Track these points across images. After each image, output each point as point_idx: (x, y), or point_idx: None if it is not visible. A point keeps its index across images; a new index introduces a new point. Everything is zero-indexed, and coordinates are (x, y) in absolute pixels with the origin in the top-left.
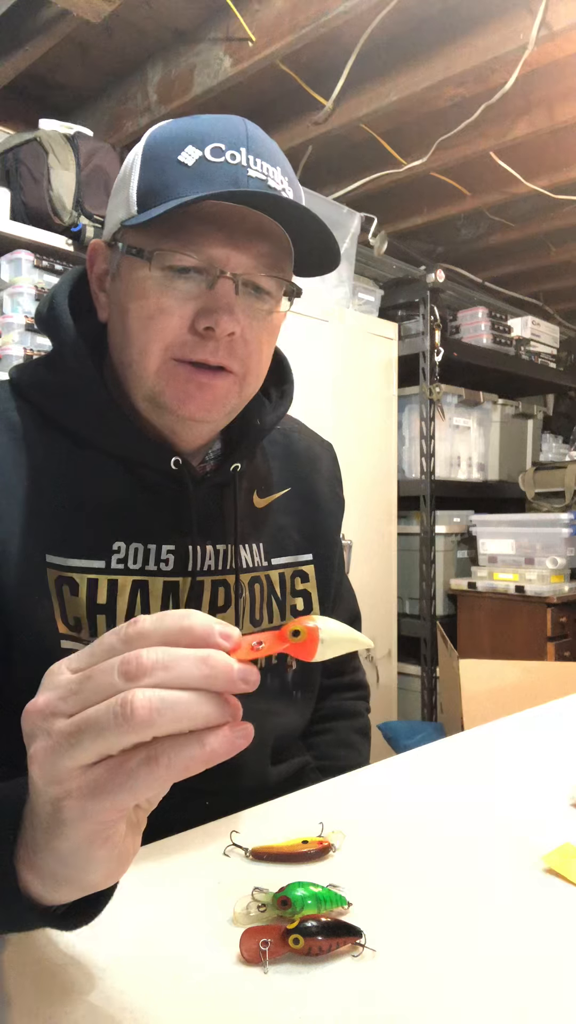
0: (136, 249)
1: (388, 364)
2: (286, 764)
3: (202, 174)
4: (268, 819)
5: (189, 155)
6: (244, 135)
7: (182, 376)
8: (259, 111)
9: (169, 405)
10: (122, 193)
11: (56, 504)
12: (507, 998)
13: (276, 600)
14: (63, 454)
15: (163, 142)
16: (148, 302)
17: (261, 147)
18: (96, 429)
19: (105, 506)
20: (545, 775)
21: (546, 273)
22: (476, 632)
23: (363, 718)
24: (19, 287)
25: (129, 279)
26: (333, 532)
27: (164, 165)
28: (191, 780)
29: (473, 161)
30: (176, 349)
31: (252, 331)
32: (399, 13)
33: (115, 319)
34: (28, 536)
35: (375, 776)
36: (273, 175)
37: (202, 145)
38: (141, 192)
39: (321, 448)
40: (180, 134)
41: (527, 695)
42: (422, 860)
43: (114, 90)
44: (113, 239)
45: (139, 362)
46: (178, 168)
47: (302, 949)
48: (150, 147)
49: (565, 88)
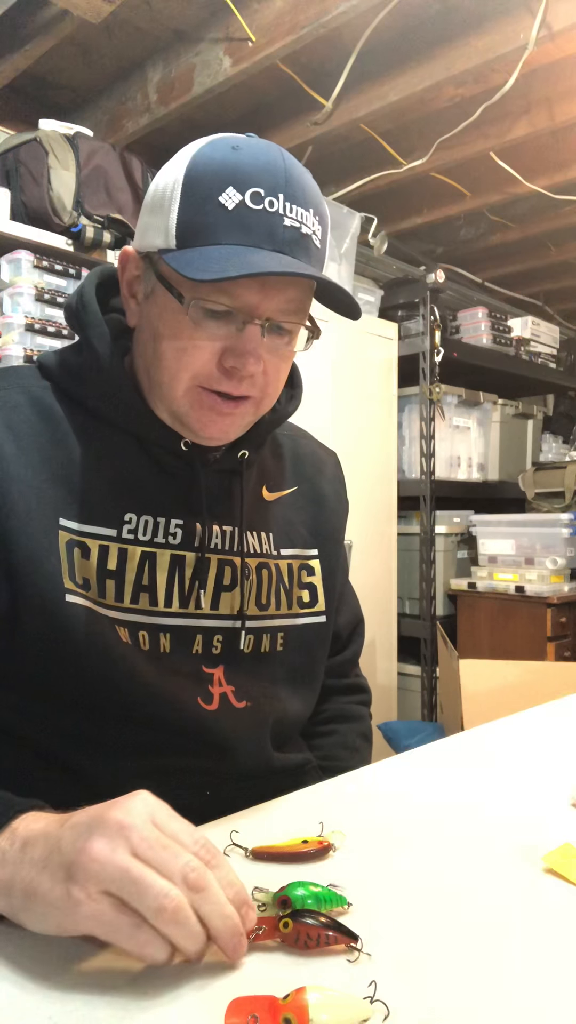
0: (176, 291)
1: (388, 364)
2: (290, 755)
3: (241, 221)
4: (268, 819)
5: (230, 198)
6: (284, 178)
7: (207, 404)
8: (259, 111)
9: (192, 426)
10: (160, 217)
11: (73, 473)
12: (507, 998)
13: (284, 588)
14: (82, 428)
15: (205, 176)
16: (181, 339)
17: (297, 190)
18: (113, 407)
19: (119, 479)
20: (545, 775)
21: (546, 273)
22: (476, 632)
23: (365, 722)
24: (19, 287)
25: (164, 310)
26: (338, 533)
27: (205, 204)
28: (192, 759)
29: (473, 161)
30: (203, 379)
31: (273, 364)
32: (399, 13)
33: (146, 336)
34: (43, 498)
35: (375, 776)
36: (306, 220)
37: (243, 188)
38: (180, 226)
39: (326, 454)
40: (222, 172)
41: (527, 695)
42: (422, 860)
43: (114, 90)
44: (148, 256)
45: (168, 384)
46: (218, 210)
47: (291, 934)
48: (191, 179)
49: (565, 88)
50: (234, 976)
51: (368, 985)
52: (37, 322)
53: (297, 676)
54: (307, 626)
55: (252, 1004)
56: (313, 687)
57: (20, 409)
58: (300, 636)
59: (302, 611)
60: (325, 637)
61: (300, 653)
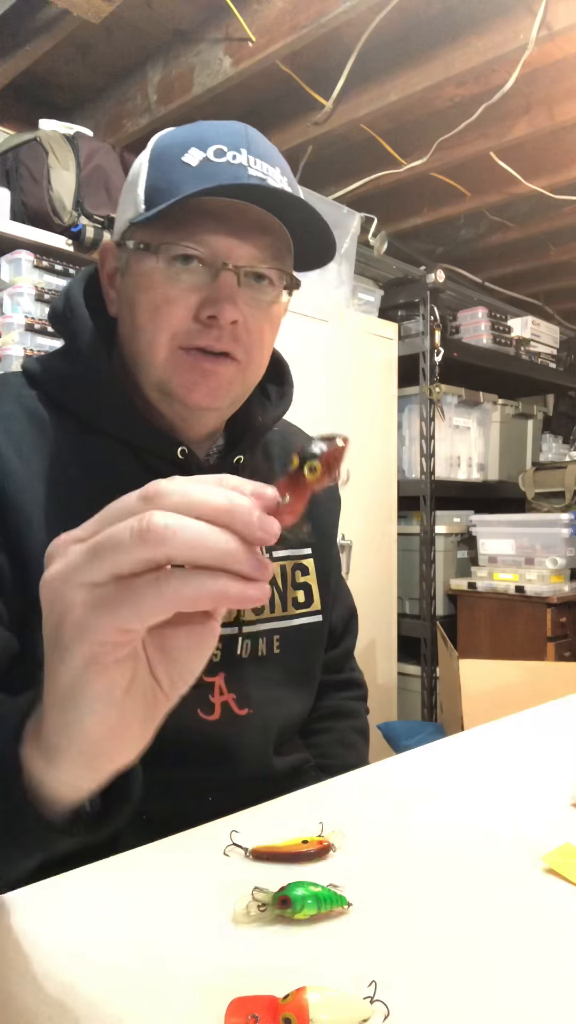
0: (143, 244)
1: (388, 364)
2: (289, 757)
3: (205, 173)
4: (268, 819)
5: (193, 156)
6: (245, 138)
7: (188, 364)
8: (259, 111)
9: (177, 393)
10: (130, 194)
11: (69, 486)
12: (507, 998)
13: (278, 591)
14: (76, 439)
15: (168, 146)
16: (155, 293)
17: (261, 149)
18: (106, 417)
19: (115, 490)
20: (545, 775)
21: (546, 273)
22: (476, 632)
23: (362, 718)
24: (19, 287)
25: (137, 273)
26: (331, 529)
27: (169, 166)
28: (194, 770)
29: (473, 161)
30: (182, 337)
31: (254, 320)
32: (399, 13)
33: (124, 313)
34: (48, 513)
35: (375, 776)
36: (272, 174)
37: (205, 147)
38: (148, 192)
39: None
40: (184, 138)
41: (527, 695)
42: (422, 860)
43: (114, 90)
44: (122, 238)
45: (148, 352)
46: (182, 168)
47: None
48: (156, 151)
49: (565, 88)
50: (234, 976)
51: (368, 985)
52: (37, 322)
53: (295, 677)
54: (303, 626)
55: (252, 1004)
56: (311, 687)
57: (16, 419)
58: (296, 637)
59: (297, 612)
60: (321, 636)
61: (297, 654)
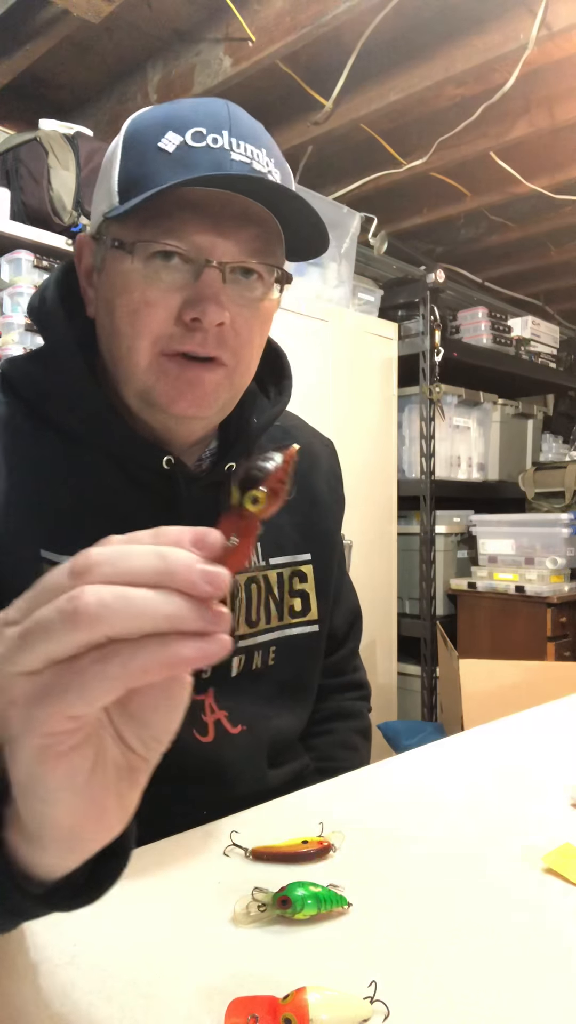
0: (119, 241)
1: (388, 364)
2: (285, 768)
3: (183, 160)
4: (268, 819)
5: (169, 141)
6: (226, 117)
7: (172, 372)
8: (259, 111)
9: (160, 403)
10: (104, 185)
11: (51, 500)
12: (507, 998)
13: (274, 600)
14: (55, 451)
15: (143, 129)
16: (133, 296)
17: (244, 129)
18: (88, 427)
19: (98, 504)
20: (545, 775)
21: (546, 273)
22: (476, 632)
23: (364, 719)
24: (19, 287)
25: (113, 272)
26: (332, 531)
27: (144, 153)
28: (189, 790)
29: (473, 161)
30: (164, 342)
31: (242, 320)
32: (399, 13)
33: (102, 315)
34: (25, 531)
35: (375, 776)
36: (258, 157)
37: (183, 130)
38: (122, 183)
39: (321, 445)
40: (160, 120)
41: (527, 695)
42: (422, 860)
43: (114, 90)
44: (97, 232)
45: (128, 358)
46: (158, 155)
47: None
48: (130, 135)
49: (565, 88)
50: (234, 976)
51: (368, 985)
52: None
53: (289, 691)
54: (298, 636)
55: (252, 1004)
56: (306, 701)
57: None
58: (291, 647)
59: (293, 621)
60: (318, 647)
61: (292, 666)
